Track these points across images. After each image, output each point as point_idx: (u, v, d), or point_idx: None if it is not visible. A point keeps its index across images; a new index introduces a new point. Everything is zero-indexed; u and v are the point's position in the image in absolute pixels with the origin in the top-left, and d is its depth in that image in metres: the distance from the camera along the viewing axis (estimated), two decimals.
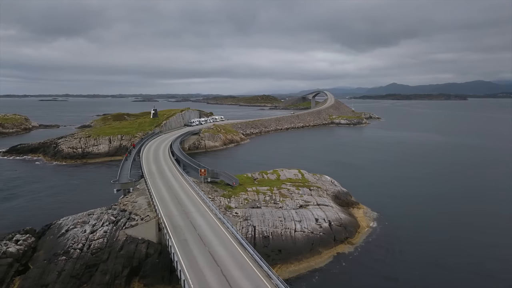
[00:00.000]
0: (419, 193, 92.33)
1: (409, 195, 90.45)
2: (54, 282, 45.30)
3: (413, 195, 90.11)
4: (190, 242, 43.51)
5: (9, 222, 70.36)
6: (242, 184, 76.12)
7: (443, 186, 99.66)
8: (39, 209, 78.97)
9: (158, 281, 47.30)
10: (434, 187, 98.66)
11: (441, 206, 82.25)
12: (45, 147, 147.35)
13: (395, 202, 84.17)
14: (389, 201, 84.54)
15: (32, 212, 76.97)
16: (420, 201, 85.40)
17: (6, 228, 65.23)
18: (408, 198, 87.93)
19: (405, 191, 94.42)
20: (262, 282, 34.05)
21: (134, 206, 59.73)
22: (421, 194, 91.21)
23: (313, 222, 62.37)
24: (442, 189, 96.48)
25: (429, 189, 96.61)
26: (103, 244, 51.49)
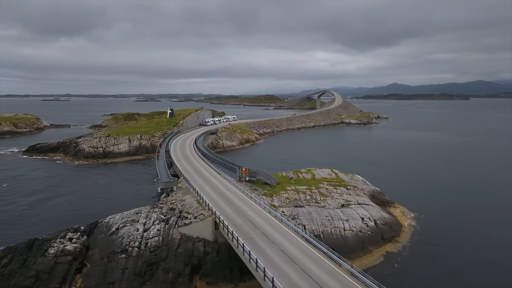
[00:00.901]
0: (449, 191, 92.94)
1: (440, 193, 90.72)
2: (120, 280, 45.55)
3: (444, 193, 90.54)
4: (257, 240, 43.66)
5: (54, 221, 70.67)
6: (280, 183, 76.30)
7: (472, 183, 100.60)
8: (78, 208, 79.29)
9: (220, 279, 47.56)
10: (463, 184, 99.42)
11: (474, 202, 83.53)
12: (64, 146, 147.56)
13: (427, 200, 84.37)
14: (421, 199, 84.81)
15: (72, 211, 77.28)
16: (453, 199, 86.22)
17: (52, 227, 65.57)
18: (440, 196, 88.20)
19: (434, 189, 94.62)
20: (347, 280, 34.24)
21: (183, 205, 59.89)
22: (452, 192, 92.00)
23: (359, 221, 62.60)
24: (472, 186, 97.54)
25: (458, 186, 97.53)
26: (160, 242, 51.72)
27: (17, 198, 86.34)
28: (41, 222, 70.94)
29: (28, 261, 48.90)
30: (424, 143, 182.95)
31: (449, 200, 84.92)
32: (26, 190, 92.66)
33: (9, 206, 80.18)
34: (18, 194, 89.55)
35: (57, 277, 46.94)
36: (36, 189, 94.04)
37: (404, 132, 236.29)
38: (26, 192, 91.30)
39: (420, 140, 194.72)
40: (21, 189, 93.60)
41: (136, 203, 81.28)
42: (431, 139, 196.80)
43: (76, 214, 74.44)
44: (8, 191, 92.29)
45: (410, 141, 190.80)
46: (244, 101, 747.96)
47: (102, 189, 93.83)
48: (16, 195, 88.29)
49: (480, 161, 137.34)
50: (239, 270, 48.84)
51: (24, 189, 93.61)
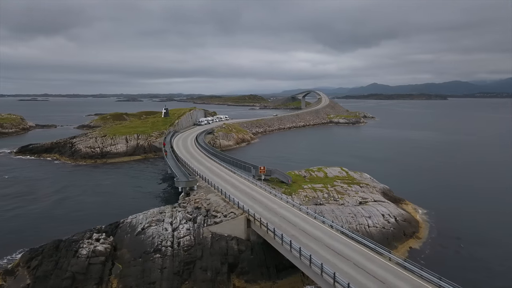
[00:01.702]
0: (451, 187, 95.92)
1: (443, 190, 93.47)
2: (160, 280, 45.30)
3: (446, 190, 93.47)
4: (300, 237, 43.95)
5: (71, 222, 69.73)
6: (295, 181, 76.93)
7: (471, 179, 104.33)
8: (93, 208, 78.58)
9: (258, 277, 47.82)
10: (464, 180, 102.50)
11: (477, 197, 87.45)
12: (59, 147, 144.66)
13: (432, 196, 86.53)
14: (427, 196, 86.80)
15: (87, 212, 76.46)
16: (456, 194, 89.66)
17: (71, 228, 64.53)
18: (443, 192, 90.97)
19: (437, 186, 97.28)
20: (402, 273, 35.03)
21: (209, 203, 59.74)
22: (454, 188, 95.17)
23: (381, 218, 63.74)
24: (471, 181, 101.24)
25: (459, 182, 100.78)
26: (192, 241, 51.54)
27: (28, 200, 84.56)
28: (58, 224, 69.87)
29: (61, 263, 48.05)
30: (417, 141, 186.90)
31: (452, 196, 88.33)
32: (36, 192, 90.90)
33: (21, 210, 78.51)
34: (29, 196, 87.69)
35: (93, 278, 46.36)
36: (46, 191, 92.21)
37: (394, 131, 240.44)
38: (37, 194, 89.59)
39: (413, 139, 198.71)
40: (31, 191, 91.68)
41: (151, 202, 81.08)
42: (423, 138, 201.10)
43: (91, 214, 73.62)
44: (16, 193, 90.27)
45: (403, 139, 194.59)
46: (228, 101, 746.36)
47: (112, 190, 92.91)
48: (26, 197, 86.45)
49: (474, 158, 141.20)
50: (275, 268, 49.31)
51: (33, 191, 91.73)
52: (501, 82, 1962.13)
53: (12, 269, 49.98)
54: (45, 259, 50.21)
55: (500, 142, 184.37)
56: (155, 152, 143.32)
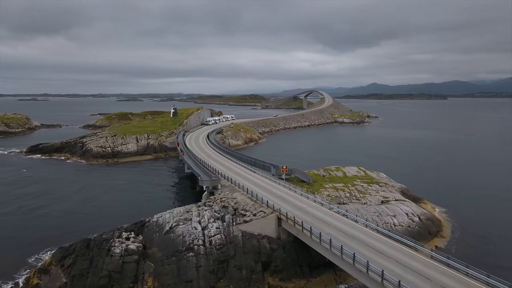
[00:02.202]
0: (465, 185, 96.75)
1: (457, 188, 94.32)
2: (197, 278, 45.60)
3: (461, 188, 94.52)
4: (338, 236, 44.13)
5: (96, 220, 70.27)
6: (315, 181, 77.24)
7: (481, 177, 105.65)
8: (114, 207, 79.06)
9: (292, 275, 48.14)
10: (476, 179, 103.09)
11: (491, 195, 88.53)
12: (70, 146, 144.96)
13: (449, 195, 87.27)
14: (443, 194, 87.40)
15: (108, 210, 76.90)
16: (472, 193, 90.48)
17: (97, 227, 64.96)
18: (458, 192, 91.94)
19: (450, 185, 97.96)
20: (446, 271, 35.38)
21: (237, 202, 60.00)
22: (468, 186, 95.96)
23: (405, 216, 64.10)
24: (482, 180, 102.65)
25: (472, 180, 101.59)
26: (223, 240, 51.78)
27: (49, 199, 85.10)
28: (81, 222, 70.31)
29: (96, 261, 48.27)
30: (423, 141, 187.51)
31: (466, 194, 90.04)
32: (56, 192, 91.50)
33: (43, 209, 78.96)
34: (49, 195, 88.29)
35: (128, 276, 46.64)
36: (66, 190, 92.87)
37: (399, 130, 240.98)
38: (57, 193, 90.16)
39: (418, 138, 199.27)
40: (51, 191, 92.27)
41: (171, 201, 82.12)
42: (428, 137, 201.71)
43: (113, 213, 74.74)
44: (36, 192, 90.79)
45: (409, 139, 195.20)
46: (229, 101, 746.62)
47: (130, 189, 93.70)
48: (47, 197, 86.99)
49: (480, 157, 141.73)
50: (308, 266, 49.64)
51: (53, 191, 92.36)
52: (501, 82, 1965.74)
53: (46, 268, 50.26)
54: (78, 257, 50.48)
55: (501, 142, 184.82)
56: (165, 152, 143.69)
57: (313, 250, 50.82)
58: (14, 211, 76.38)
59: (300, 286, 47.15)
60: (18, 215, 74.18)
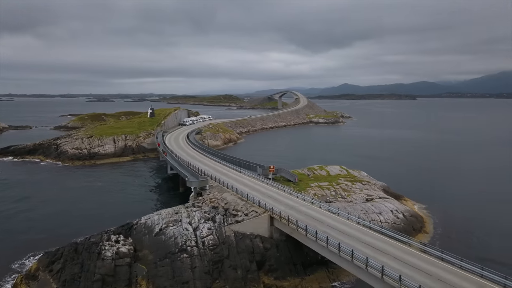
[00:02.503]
0: (445, 183, 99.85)
1: (435, 185, 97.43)
2: (193, 279, 45.34)
3: (438, 185, 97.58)
4: (333, 234, 44.57)
5: (78, 224, 68.48)
6: (301, 180, 78.01)
7: (457, 173, 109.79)
8: (95, 210, 77.34)
9: (286, 273, 48.56)
10: (451, 175, 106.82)
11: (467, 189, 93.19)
12: (43, 148, 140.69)
13: (426, 192, 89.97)
14: (420, 191, 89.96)
15: (90, 214, 75.17)
16: (449, 189, 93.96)
17: (80, 230, 63.54)
18: (436, 188, 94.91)
19: (428, 182, 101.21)
20: (440, 264, 36.61)
21: (227, 203, 59.87)
22: (447, 183, 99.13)
23: (390, 213, 65.75)
24: (457, 175, 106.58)
25: (451, 178, 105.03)
26: (216, 240, 51.62)
27: (27, 204, 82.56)
28: (62, 226, 68.60)
29: (87, 265, 47.22)
30: (398, 140, 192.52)
31: (445, 191, 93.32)
32: (33, 195, 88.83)
33: (22, 214, 76.56)
34: (27, 199, 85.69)
35: (122, 280, 45.88)
36: (43, 194, 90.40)
37: (374, 130, 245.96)
38: (34, 197, 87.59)
39: (393, 137, 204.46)
40: (27, 195, 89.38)
41: (155, 203, 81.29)
42: (403, 136, 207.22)
43: (95, 216, 73.47)
44: (12, 196, 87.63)
45: (384, 138, 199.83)
46: (203, 101, 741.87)
47: (110, 191, 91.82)
48: (24, 201, 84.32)
49: (457, 155, 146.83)
50: (302, 264, 50.20)
51: (29, 194, 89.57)
52: (465, 82, 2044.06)
53: (33, 273, 48.73)
54: (67, 262, 49.28)
55: (476, 140, 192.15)
56: (144, 153, 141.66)
57: (306, 248, 51.48)
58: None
59: (294, 284, 47.61)
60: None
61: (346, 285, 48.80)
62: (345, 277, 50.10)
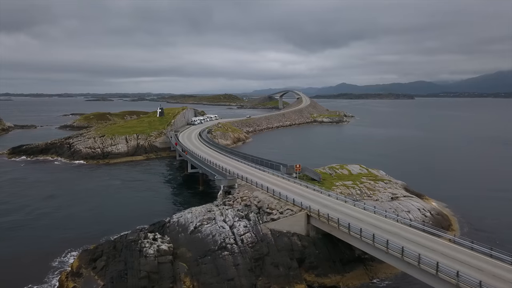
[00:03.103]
0: (456, 182, 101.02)
1: (454, 184, 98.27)
2: (238, 276, 45.93)
3: (458, 183, 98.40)
4: (376, 232, 45.11)
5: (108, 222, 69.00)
6: (324, 179, 78.77)
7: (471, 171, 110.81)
8: (123, 208, 78.09)
9: (327, 270, 49.29)
10: (466, 173, 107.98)
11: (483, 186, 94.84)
12: (55, 147, 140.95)
13: (448, 191, 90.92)
14: (442, 190, 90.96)
15: (119, 212, 75.88)
16: (468, 187, 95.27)
17: (112, 229, 64.20)
18: (454, 186, 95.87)
19: (446, 180, 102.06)
20: (489, 260, 37.43)
21: (260, 201, 60.51)
22: (463, 181, 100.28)
23: (418, 212, 66.54)
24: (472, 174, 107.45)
25: (466, 176, 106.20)
26: (254, 238, 52.24)
27: (55, 202, 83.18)
28: (95, 224, 69.06)
29: (130, 263, 47.75)
30: (407, 139, 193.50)
31: (463, 189, 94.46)
32: (57, 194, 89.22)
33: (51, 213, 77.10)
34: (53, 198, 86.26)
35: (166, 277, 46.45)
36: (66, 192, 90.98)
37: (380, 129, 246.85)
38: (59, 196, 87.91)
39: (401, 136, 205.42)
40: (51, 193, 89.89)
41: (183, 201, 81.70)
42: (411, 136, 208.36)
43: (128, 214, 73.67)
44: (36, 195, 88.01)
45: (391, 137, 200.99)
46: (203, 100, 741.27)
47: (136, 189, 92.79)
48: (50, 200, 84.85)
49: (467, 153, 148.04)
50: (340, 261, 50.94)
51: (52, 193, 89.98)
52: (462, 82, 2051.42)
53: (76, 271, 49.25)
54: (110, 259, 49.88)
55: (481, 139, 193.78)
56: (156, 152, 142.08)
57: (342, 245, 52.38)
58: (22, 216, 73.56)
59: (336, 281, 48.36)
60: (26, 220, 71.63)
61: (386, 281, 49.55)
62: (382, 273, 50.98)
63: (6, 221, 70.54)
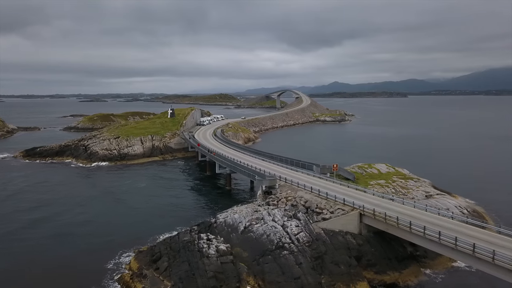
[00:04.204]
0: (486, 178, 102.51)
1: (478, 181, 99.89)
2: (304, 274, 46.88)
3: (483, 181, 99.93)
4: (438, 230, 46.39)
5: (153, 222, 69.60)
6: (357, 178, 79.98)
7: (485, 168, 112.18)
8: (163, 208, 78.60)
9: (385, 268, 50.50)
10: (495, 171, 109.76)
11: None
12: (70, 149, 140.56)
13: (475, 188, 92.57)
14: (468, 188, 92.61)
15: (161, 212, 76.44)
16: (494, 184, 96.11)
17: (157, 228, 64.85)
18: (480, 184, 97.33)
19: (469, 177, 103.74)
20: None
21: (307, 201, 61.48)
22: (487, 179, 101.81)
23: (456, 209, 67.87)
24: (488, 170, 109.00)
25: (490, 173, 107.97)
26: (308, 237, 53.27)
27: (91, 203, 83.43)
28: (134, 225, 69.52)
29: (194, 263, 48.56)
30: (414, 137, 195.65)
31: (489, 186, 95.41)
32: (87, 196, 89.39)
33: (89, 214, 77.20)
34: (86, 200, 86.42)
35: (231, 277, 47.33)
36: (96, 194, 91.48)
37: (384, 128, 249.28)
38: (89, 198, 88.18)
39: (409, 135, 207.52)
40: (80, 195, 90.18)
41: (217, 200, 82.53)
42: (418, 134, 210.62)
43: (169, 214, 74.33)
44: (63, 197, 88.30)
45: (399, 136, 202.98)
46: (199, 100, 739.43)
47: (167, 189, 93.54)
48: (83, 201, 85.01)
49: (482, 152, 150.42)
50: (395, 259, 52.18)
51: (81, 195, 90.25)
52: (454, 80, 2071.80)
53: (139, 272, 49.93)
54: (171, 260, 50.60)
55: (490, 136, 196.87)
56: (171, 153, 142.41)
57: (395, 243, 53.73)
58: (63, 220, 73.43)
59: (394, 278, 49.59)
60: (69, 224, 71.49)
61: (440, 276, 50.87)
62: (435, 269, 52.46)
63: (49, 226, 70.46)
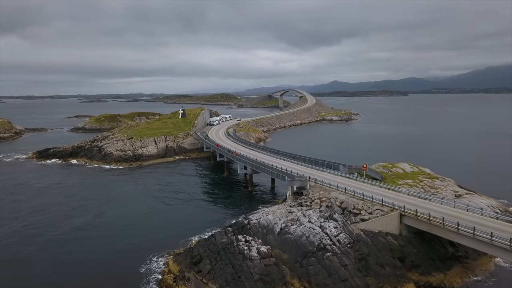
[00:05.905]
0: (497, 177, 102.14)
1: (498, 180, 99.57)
2: (351, 276, 46.39)
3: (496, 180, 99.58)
4: (487, 230, 45.92)
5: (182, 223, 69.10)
6: (385, 178, 79.50)
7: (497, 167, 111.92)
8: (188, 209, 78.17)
9: (430, 269, 49.99)
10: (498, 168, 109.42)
11: None
12: (84, 150, 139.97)
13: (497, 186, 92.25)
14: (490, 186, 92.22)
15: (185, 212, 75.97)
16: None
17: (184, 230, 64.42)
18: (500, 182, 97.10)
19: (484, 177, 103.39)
20: None
21: (342, 202, 60.87)
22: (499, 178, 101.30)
23: (489, 209, 67.36)
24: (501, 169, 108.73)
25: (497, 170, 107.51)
26: (349, 239, 52.77)
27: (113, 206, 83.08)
28: (162, 227, 69.19)
29: (237, 266, 48.13)
30: (425, 136, 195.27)
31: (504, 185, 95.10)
32: (114, 198, 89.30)
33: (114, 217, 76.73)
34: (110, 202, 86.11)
35: (277, 279, 46.85)
36: (122, 196, 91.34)
37: (392, 127, 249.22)
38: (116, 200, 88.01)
39: (418, 133, 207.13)
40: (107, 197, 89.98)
41: (243, 201, 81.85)
42: (423, 133, 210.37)
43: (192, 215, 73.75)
44: (93, 199, 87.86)
45: (408, 134, 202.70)
46: (200, 100, 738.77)
47: (188, 190, 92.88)
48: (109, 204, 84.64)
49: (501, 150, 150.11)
50: (438, 260, 51.71)
51: (109, 197, 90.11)
52: (452, 78, 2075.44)
53: (181, 275, 49.42)
54: (213, 262, 50.13)
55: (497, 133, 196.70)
56: (185, 154, 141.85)
57: (436, 244, 53.28)
58: (87, 223, 72.74)
59: (440, 279, 49.10)
60: (94, 227, 70.80)
61: (485, 277, 50.45)
62: (479, 270, 52.01)
63: (71, 229, 69.70)
